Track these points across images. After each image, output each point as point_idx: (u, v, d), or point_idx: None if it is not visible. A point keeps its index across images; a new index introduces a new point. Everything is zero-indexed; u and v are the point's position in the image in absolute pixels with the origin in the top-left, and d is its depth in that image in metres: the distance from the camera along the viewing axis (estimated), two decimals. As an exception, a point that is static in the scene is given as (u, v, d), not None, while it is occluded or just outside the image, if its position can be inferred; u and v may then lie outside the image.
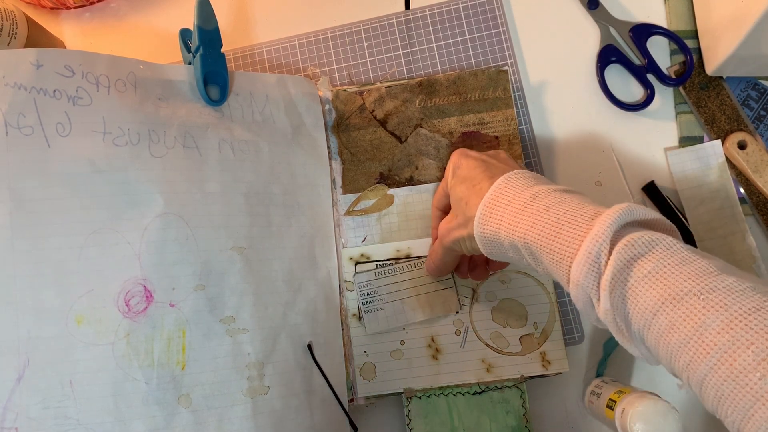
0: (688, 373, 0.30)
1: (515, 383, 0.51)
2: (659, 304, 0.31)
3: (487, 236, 0.41)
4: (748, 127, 0.56)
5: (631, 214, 0.35)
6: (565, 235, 0.36)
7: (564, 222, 0.36)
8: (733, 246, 0.54)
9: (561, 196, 0.38)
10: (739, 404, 0.28)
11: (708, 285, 0.30)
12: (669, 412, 0.42)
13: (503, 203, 0.40)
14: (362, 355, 0.52)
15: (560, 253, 0.36)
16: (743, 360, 0.28)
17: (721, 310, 0.29)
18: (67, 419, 0.41)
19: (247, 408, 0.45)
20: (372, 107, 0.57)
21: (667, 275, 0.32)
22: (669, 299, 0.31)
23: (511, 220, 0.39)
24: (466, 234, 0.44)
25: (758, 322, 0.28)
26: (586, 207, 0.36)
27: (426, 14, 0.61)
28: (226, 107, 0.52)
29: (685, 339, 0.30)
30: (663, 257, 0.32)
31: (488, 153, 0.48)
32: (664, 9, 0.60)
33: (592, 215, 0.35)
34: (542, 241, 0.37)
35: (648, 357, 0.35)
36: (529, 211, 0.38)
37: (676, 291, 0.31)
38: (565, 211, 0.37)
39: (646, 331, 0.32)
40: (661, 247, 0.33)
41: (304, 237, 0.52)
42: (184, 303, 0.45)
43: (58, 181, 0.43)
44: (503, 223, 0.40)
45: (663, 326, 0.31)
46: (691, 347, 0.30)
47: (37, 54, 0.44)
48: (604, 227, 0.34)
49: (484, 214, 0.41)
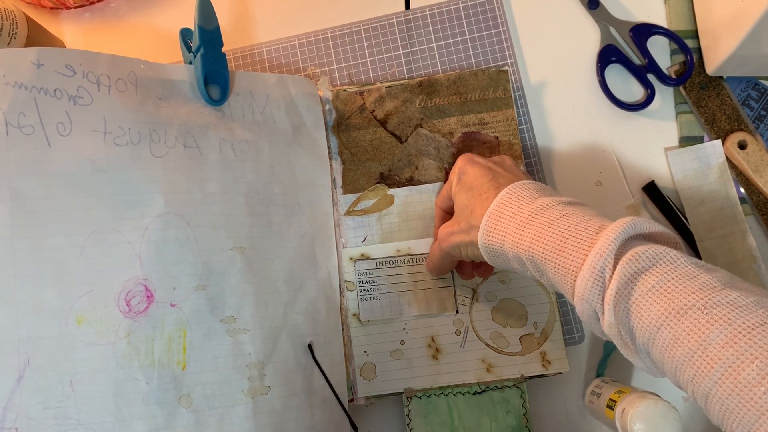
0: (693, 386, 0.30)
1: (515, 383, 0.51)
2: (663, 318, 0.31)
3: (491, 247, 0.41)
4: (749, 127, 0.56)
5: (635, 228, 0.35)
6: (570, 249, 0.36)
7: (568, 236, 0.36)
8: (733, 246, 0.54)
9: (566, 209, 0.38)
10: (744, 418, 0.28)
11: (712, 300, 0.30)
12: (669, 412, 0.42)
13: (508, 215, 0.40)
14: (362, 355, 0.52)
15: (565, 267, 0.36)
16: (747, 374, 0.28)
17: (724, 325, 0.29)
18: (68, 419, 0.41)
19: (248, 408, 0.45)
20: (372, 107, 0.57)
21: (671, 290, 0.32)
22: (673, 313, 0.31)
23: (516, 233, 0.39)
24: (468, 240, 0.44)
25: (762, 337, 0.28)
26: (591, 220, 0.36)
27: (426, 14, 0.61)
28: (226, 107, 0.51)
29: (689, 353, 0.30)
30: (667, 271, 0.32)
31: (494, 159, 0.48)
32: (664, 9, 0.60)
33: (597, 229, 0.35)
34: (547, 254, 0.37)
35: (652, 369, 0.35)
36: (534, 225, 0.38)
37: (680, 305, 0.31)
38: (570, 225, 0.37)
39: (650, 344, 0.33)
40: (664, 262, 0.33)
41: (304, 237, 0.52)
42: (184, 303, 0.45)
43: (59, 180, 0.43)
44: (508, 236, 0.40)
45: (667, 340, 0.31)
46: (695, 361, 0.30)
47: (37, 53, 0.44)
48: (609, 241, 0.34)
49: (488, 225, 0.41)
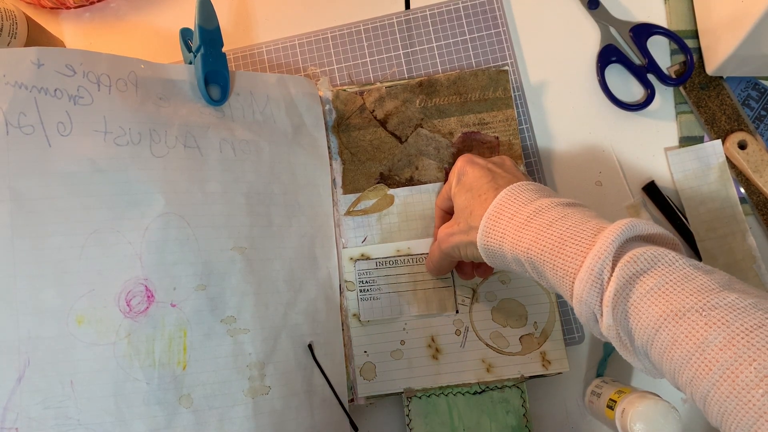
0: (692, 388, 0.31)
1: (515, 383, 0.51)
2: (661, 320, 0.32)
3: (490, 248, 0.41)
4: (749, 126, 0.56)
5: (634, 230, 0.35)
6: (568, 251, 0.36)
7: (567, 238, 0.36)
8: (733, 246, 0.54)
9: (564, 210, 0.38)
10: (743, 420, 0.28)
11: (710, 302, 0.30)
12: (669, 412, 0.42)
13: (507, 216, 0.40)
14: (362, 355, 0.52)
15: (563, 268, 0.36)
16: (745, 377, 0.28)
17: (723, 327, 0.29)
18: (68, 419, 0.41)
19: (248, 408, 0.45)
20: (372, 107, 0.57)
21: (669, 292, 0.32)
22: (671, 315, 0.31)
23: (515, 235, 0.39)
24: (467, 240, 0.44)
25: (759, 340, 0.28)
26: (589, 222, 0.36)
27: (426, 14, 0.61)
28: (226, 107, 0.51)
29: (687, 355, 0.30)
30: (665, 273, 0.33)
31: (493, 160, 0.48)
32: (664, 9, 0.60)
33: (595, 231, 0.35)
34: (545, 256, 0.37)
35: (651, 371, 0.35)
36: (533, 226, 0.38)
37: (678, 307, 0.31)
38: (568, 227, 0.37)
39: (649, 346, 0.33)
40: (663, 263, 0.33)
41: (304, 237, 0.52)
42: (185, 303, 0.45)
43: (59, 180, 0.43)
44: (507, 237, 0.40)
45: (666, 342, 0.31)
46: (693, 363, 0.30)
47: (37, 53, 0.44)
48: (607, 243, 0.34)
49: (487, 227, 0.41)
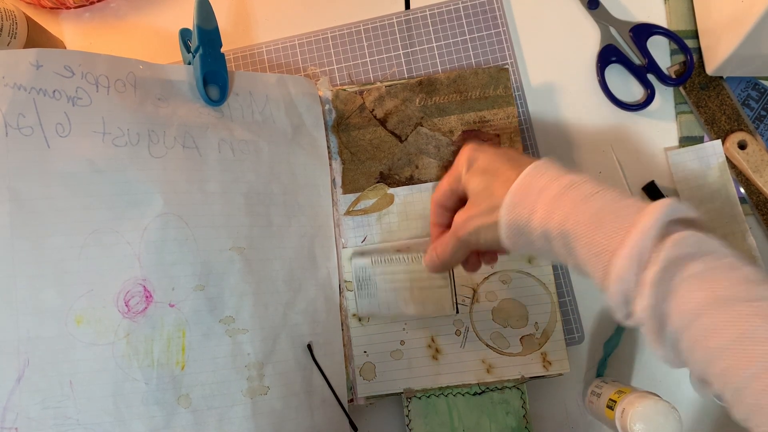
0: (724, 378, 0.30)
1: (516, 384, 0.51)
2: (702, 306, 0.31)
3: (515, 224, 0.40)
4: (749, 127, 0.56)
5: (676, 211, 0.34)
6: (608, 226, 0.34)
7: (606, 212, 0.35)
8: (733, 246, 0.53)
9: (599, 185, 0.37)
10: None
11: (758, 293, 0.30)
12: (669, 412, 0.42)
13: (535, 190, 0.39)
14: (362, 355, 0.52)
15: (600, 244, 0.34)
16: None
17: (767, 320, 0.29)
18: (67, 419, 0.41)
19: (247, 408, 0.45)
20: (372, 106, 0.57)
21: (714, 278, 0.31)
22: (714, 303, 0.30)
23: (546, 208, 0.38)
24: (489, 222, 0.42)
25: None
26: (627, 199, 0.35)
27: (426, 14, 0.61)
28: (225, 107, 0.51)
29: (726, 344, 0.29)
30: (710, 260, 0.32)
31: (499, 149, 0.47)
32: (664, 9, 0.60)
33: (636, 208, 0.34)
34: (581, 230, 0.35)
35: (672, 359, 0.34)
36: (567, 199, 0.37)
37: (722, 295, 0.30)
38: (607, 202, 0.35)
39: (684, 332, 0.32)
40: (708, 249, 0.32)
41: (304, 237, 0.52)
42: (183, 303, 0.45)
43: (58, 181, 0.43)
44: (537, 211, 0.38)
45: (704, 329, 0.30)
46: (732, 353, 0.29)
47: (36, 54, 0.44)
48: (652, 221, 0.33)
49: (514, 201, 0.40)
